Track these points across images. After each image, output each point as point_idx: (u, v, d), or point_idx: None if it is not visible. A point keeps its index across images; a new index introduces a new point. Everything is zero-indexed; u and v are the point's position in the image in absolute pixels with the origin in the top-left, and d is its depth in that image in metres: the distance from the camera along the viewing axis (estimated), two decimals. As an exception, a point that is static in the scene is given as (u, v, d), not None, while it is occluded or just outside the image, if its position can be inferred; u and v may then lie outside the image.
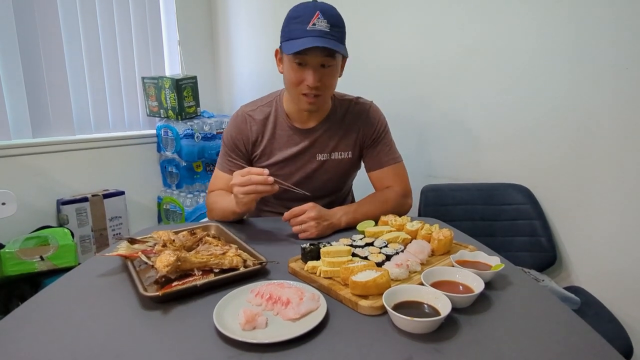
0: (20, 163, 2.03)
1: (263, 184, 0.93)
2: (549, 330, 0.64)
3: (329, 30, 1.00)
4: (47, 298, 0.76)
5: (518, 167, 1.52)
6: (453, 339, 0.62)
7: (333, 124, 1.20)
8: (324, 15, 1.00)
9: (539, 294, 0.78)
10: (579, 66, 1.33)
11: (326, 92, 1.09)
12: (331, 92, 1.13)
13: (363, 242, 0.90)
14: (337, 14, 1.04)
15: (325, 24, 1.00)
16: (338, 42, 1.02)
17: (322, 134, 1.19)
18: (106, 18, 2.32)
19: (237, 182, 0.95)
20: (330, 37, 1.00)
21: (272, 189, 0.94)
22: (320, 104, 1.12)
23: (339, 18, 1.03)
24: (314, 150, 1.20)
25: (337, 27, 1.02)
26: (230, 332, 0.60)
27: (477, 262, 0.82)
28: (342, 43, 1.04)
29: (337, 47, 1.00)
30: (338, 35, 1.02)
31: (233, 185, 0.96)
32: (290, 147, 1.19)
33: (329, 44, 0.99)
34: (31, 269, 1.69)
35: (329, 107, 1.20)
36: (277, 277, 0.82)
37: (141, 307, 0.71)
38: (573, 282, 1.42)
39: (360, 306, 0.69)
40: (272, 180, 0.93)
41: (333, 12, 1.03)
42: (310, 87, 1.04)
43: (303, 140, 1.19)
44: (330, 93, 1.13)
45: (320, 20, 0.99)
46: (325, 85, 1.07)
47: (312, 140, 1.19)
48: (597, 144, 1.31)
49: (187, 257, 0.78)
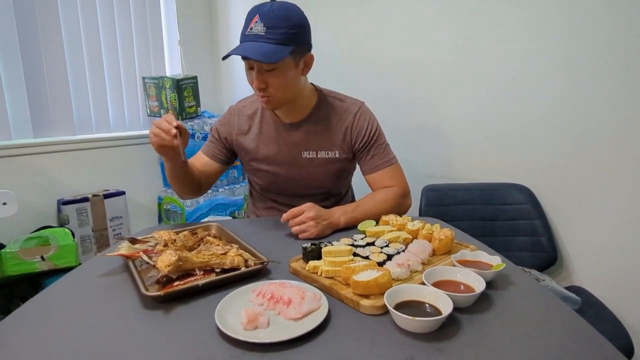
0: (21, 163, 2.03)
1: (166, 133, 0.97)
2: (550, 330, 0.64)
3: (264, 34, 0.99)
4: (48, 298, 0.76)
5: (518, 167, 1.52)
6: (455, 339, 0.62)
7: (317, 121, 1.19)
8: (262, 18, 0.99)
9: (540, 294, 0.79)
10: (580, 65, 1.33)
11: (277, 93, 1.08)
12: (285, 92, 1.09)
13: (364, 242, 0.90)
14: (281, 15, 1.00)
15: (261, 27, 0.99)
16: (274, 43, 0.99)
17: (307, 131, 1.19)
18: (107, 18, 2.31)
19: (153, 125, 1.00)
20: (264, 40, 0.99)
21: (172, 141, 0.97)
22: (275, 104, 1.12)
23: (280, 18, 1.00)
24: (299, 147, 1.20)
25: (276, 27, 0.99)
26: (232, 332, 0.60)
27: (478, 262, 0.82)
28: (283, 44, 1.00)
29: (257, 54, 0.98)
30: (275, 37, 0.99)
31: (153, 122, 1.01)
32: (276, 144, 1.21)
33: (249, 51, 0.98)
34: (32, 269, 1.69)
35: (307, 100, 1.19)
36: (279, 277, 0.82)
37: (143, 306, 0.72)
38: (573, 281, 1.42)
39: (361, 306, 0.69)
40: (174, 133, 0.96)
41: (275, 13, 1.00)
42: (257, 89, 1.07)
43: (288, 136, 1.20)
44: (284, 94, 1.09)
45: (257, 25, 1.00)
46: (273, 87, 1.06)
47: (297, 136, 1.19)
48: (598, 144, 1.31)
49: (188, 257, 0.78)
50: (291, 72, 1.07)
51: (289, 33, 1.01)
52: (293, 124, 1.19)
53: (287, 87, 1.09)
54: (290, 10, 1.03)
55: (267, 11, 1.00)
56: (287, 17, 1.01)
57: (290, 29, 1.01)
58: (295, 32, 1.02)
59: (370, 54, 1.92)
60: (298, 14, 1.04)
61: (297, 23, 1.03)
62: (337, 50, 1.84)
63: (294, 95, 1.13)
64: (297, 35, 1.03)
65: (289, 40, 1.02)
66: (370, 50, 1.92)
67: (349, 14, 1.90)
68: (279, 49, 1.00)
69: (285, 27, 1.00)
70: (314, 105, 1.20)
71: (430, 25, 1.71)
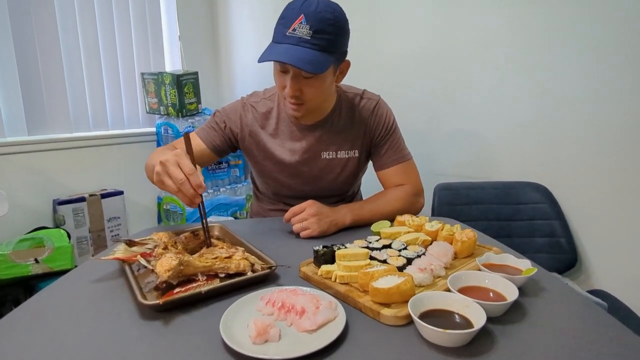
0: (15, 161, 1.98)
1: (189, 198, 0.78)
2: (597, 342, 0.58)
3: (310, 38, 0.90)
4: (38, 305, 0.71)
5: (535, 165, 1.46)
6: (489, 353, 0.55)
7: (337, 120, 1.13)
8: (308, 19, 0.89)
9: (575, 300, 0.72)
10: (599, 62, 1.27)
11: (311, 102, 1.01)
12: (317, 101, 1.03)
13: (380, 244, 0.83)
14: (328, 18, 0.90)
15: (307, 30, 0.89)
16: (320, 50, 0.91)
17: (327, 131, 1.12)
18: (104, 11, 2.25)
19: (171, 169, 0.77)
20: (309, 46, 0.90)
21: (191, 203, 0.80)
22: (306, 112, 1.04)
23: (327, 22, 0.90)
24: (318, 148, 1.13)
25: (323, 32, 0.90)
26: (239, 346, 0.54)
27: (505, 266, 0.76)
28: (328, 51, 0.93)
29: (304, 62, 0.88)
30: (321, 43, 0.91)
31: (165, 163, 0.77)
32: (294, 144, 1.13)
33: (295, 59, 0.88)
34: (25, 272, 1.63)
35: (331, 103, 1.12)
36: (288, 283, 0.75)
37: (139, 316, 0.65)
38: (593, 285, 1.36)
39: (382, 315, 0.62)
40: (197, 202, 0.79)
41: (322, 15, 0.90)
42: (291, 97, 0.98)
43: (307, 137, 1.12)
44: (317, 102, 1.03)
45: (302, 26, 0.89)
46: (308, 96, 0.98)
47: (317, 137, 1.12)
48: (619, 140, 1.25)
49: (190, 261, 0.71)
50: (329, 80, 1.00)
51: (335, 39, 0.93)
52: (312, 124, 1.12)
53: (322, 95, 1.02)
54: (337, 13, 0.93)
55: (314, 12, 0.89)
56: (334, 20, 0.92)
57: (336, 35, 0.93)
58: (340, 37, 0.95)
59: (380, 46, 1.85)
60: (343, 17, 0.96)
61: (343, 27, 0.95)
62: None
63: (324, 101, 1.07)
64: (341, 41, 0.96)
65: (334, 47, 0.94)
66: (380, 42, 1.85)
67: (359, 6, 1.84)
68: (324, 58, 0.92)
69: (332, 32, 0.92)
70: (334, 104, 1.13)
71: (444, 19, 1.64)
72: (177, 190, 0.78)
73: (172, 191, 0.79)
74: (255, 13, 2.46)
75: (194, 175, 0.77)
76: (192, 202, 0.79)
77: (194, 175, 0.77)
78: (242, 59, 2.63)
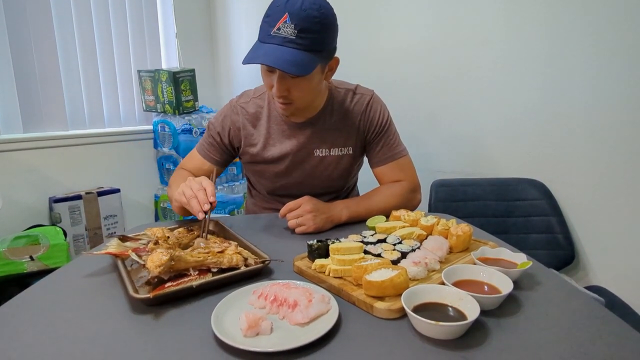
0: (11, 159, 1.96)
1: (200, 209, 0.87)
2: (591, 334, 0.57)
3: (295, 38, 0.87)
4: (29, 299, 0.70)
5: (532, 161, 1.45)
6: (483, 346, 0.55)
7: (329, 117, 1.11)
8: (292, 18, 0.86)
9: (570, 294, 0.71)
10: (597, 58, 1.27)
11: (299, 101, 0.99)
12: (306, 101, 1.02)
13: (375, 239, 0.83)
14: (314, 15, 0.87)
15: (292, 29, 0.86)
16: (306, 50, 0.88)
17: (319, 128, 1.11)
18: (101, 8, 2.24)
19: (186, 191, 0.90)
20: (295, 46, 0.87)
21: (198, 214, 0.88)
22: (295, 111, 1.03)
23: (313, 20, 0.87)
24: (311, 145, 1.12)
25: (308, 31, 0.87)
26: (231, 339, 0.53)
27: (500, 260, 0.75)
28: (315, 50, 0.90)
29: (288, 64, 0.86)
30: (307, 43, 0.88)
31: (182, 193, 0.91)
32: (286, 142, 1.11)
33: (279, 61, 0.86)
34: (20, 270, 1.62)
35: (322, 100, 1.11)
36: (282, 277, 0.75)
37: (131, 310, 0.65)
38: (591, 281, 1.35)
39: (376, 309, 0.61)
40: (206, 209, 0.87)
41: (308, 12, 0.87)
42: (278, 97, 0.97)
43: (298, 135, 1.11)
44: (306, 101, 1.02)
45: (287, 25, 0.86)
46: (296, 95, 0.97)
47: (308, 134, 1.11)
48: (615, 137, 1.25)
49: (181, 256, 0.71)
50: (316, 79, 0.98)
51: (321, 38, 0.91)
52: (304, 122, 1.11)
53: (311, 94, 1.01)
54: (323, 9, 0.89)
55: (299, 10, 0.86)
56: (320, 18, 0.88)
57: (323, 33, 0.91)
58: (327, 35, 0.92)
59: (375, 41, 1.85)
60: (331, 12, 0.92)
61: (329, 24, 0.92)
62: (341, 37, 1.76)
63: (314, 100, 1.06)
64: (329, 38, 0.94)
65: (321, 45, 0.91)
66: (375, 37, 1.85)
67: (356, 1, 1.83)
68: (310, 58, 0.90)
69: (318, 31, 0.89)
70: (325, 101, 1.11)
71: (439, 14, 1.64)
72: (193, 200, 0.88)
73: (187, 200, 0.89)
74: (252, 10, 2.45)
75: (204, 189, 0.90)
76: (201, 204, 0.87)
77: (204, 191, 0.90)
78: (239, 56, 2.61)
